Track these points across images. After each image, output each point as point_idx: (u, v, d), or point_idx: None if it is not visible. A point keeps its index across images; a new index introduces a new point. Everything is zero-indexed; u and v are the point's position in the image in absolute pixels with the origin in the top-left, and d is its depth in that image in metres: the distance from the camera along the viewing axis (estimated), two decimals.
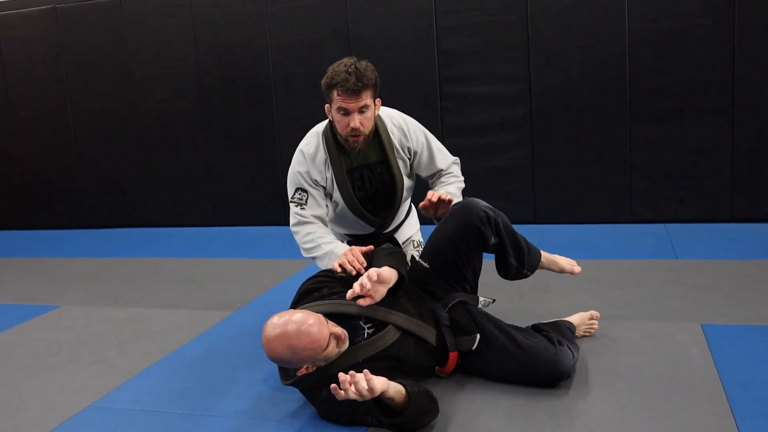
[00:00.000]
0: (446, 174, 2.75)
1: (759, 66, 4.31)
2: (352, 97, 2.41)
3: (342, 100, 2.43)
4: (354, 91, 2.39)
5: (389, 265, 2.23)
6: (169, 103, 5.64)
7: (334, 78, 2.41)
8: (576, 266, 2.60)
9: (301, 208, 2.59)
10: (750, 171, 4.45)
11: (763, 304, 2.93)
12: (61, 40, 5.81)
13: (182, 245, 5.17)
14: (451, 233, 2.39)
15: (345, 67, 2.41)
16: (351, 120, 2.44)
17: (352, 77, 2.38)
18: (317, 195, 2.62)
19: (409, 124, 2.67)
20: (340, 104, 2.44)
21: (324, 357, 2.07)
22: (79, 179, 6.03)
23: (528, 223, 4.88)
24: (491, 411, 2.16)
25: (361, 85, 2.39)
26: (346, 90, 2.39)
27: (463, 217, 2.37)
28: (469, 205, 2.39)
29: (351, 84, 2.37)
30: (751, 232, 4.24)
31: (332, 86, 2.43)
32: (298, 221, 2.63)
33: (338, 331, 2.10)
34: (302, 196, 2.59)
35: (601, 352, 2.52)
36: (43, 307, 3.73)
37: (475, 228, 2.35)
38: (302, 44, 5.19)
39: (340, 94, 2.42)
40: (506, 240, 2.41)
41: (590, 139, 4.70)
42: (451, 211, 2.41)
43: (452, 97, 4.93)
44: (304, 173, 2.61)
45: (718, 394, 2.14)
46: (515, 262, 2.44)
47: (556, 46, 4.65)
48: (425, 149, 2.68)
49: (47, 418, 2.38)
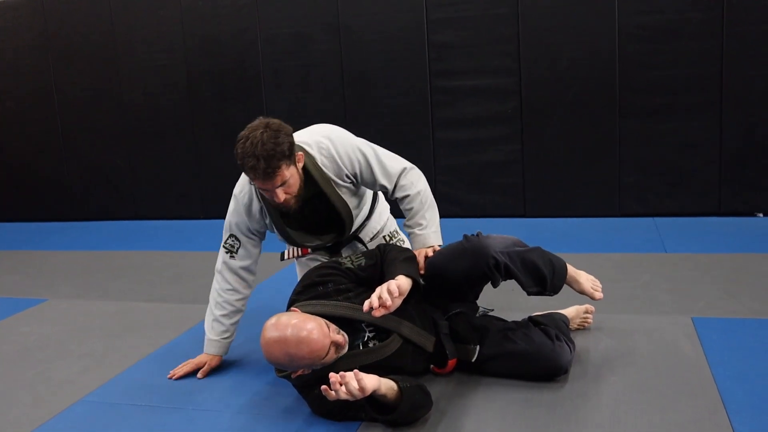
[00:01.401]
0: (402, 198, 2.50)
1: (747, 61, 4.33)
2: (267, 182, 2.22)
3: (259, 183, 2.26)
4: (267, 176, 2.19)
5: (405, 274, 2.16)
6: (157, 95, 5.59)
7: (244, 163, 2.20)
8: (598, 291, 2.47)
9: (231, 256, 2.56)
10: (737, 165, 4.48)
11: (752, 296, 2.96)
12: (48, 30, 5.74)
13: (171, 238, 5.13)
14: (457, 272, 2.29)
15: (252, 147, 2.18)
16: (275, 197, 2.26)
17: (261, 163, 2.16)
18: (249, 245, 2.56)
19: (339, 149, 2.43)
20: (258, 185, 2.29)
21: (322, 364, 2.05)
22: (66, 171, 5.97)
23: (518, 217, 4.90)
24: (486, 403, 2.16)
25: (271, 169, 2.18)
26: (257, 177, 2.21)
27: (472, 262, 2.24)
28: (480, 251, 2.23)
29: (261, 172, 2.18)
30: (739, 225, 4.28)
31: (244, 169, 2.24)
32: (223, 267, 2.58)
33: (339, 339, 2.05)
34: (234, 244, 2.55)
35: (593, 346, 2.53)
36: (31, 301, 3.69)
37: (483, 273, 2.25)
38: (292, 36, 5.16)
39: (254, 179, 2.25)
40: (520, 277, 2.26)
41: (580, 133, 4.71)
42: (460, 248, 2.29)
43: (443, 91, 4.92)
44: (240, 223, 2.53)
45: (710, 387, 2.15)
46: (534, 289, 2.31)
47: (546, 41, 4.65)
48: (365, 167, 2.45)
49: (36, 412, 2.35)
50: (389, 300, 2.01)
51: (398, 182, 2.49)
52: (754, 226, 4.24)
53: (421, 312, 2.32)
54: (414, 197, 2.48)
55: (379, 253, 2.35)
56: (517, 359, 2.25)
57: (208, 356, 2.59)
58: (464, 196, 5.02)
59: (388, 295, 2.02)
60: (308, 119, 5.16)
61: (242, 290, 2.60)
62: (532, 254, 2.29)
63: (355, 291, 2.25)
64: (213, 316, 2.59)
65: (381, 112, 5.08)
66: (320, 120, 5.39)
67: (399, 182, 2.49)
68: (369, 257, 2.34)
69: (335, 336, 2.04)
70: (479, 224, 4.78)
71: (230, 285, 2.57)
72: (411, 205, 2.48)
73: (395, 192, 2.50)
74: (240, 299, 2.60)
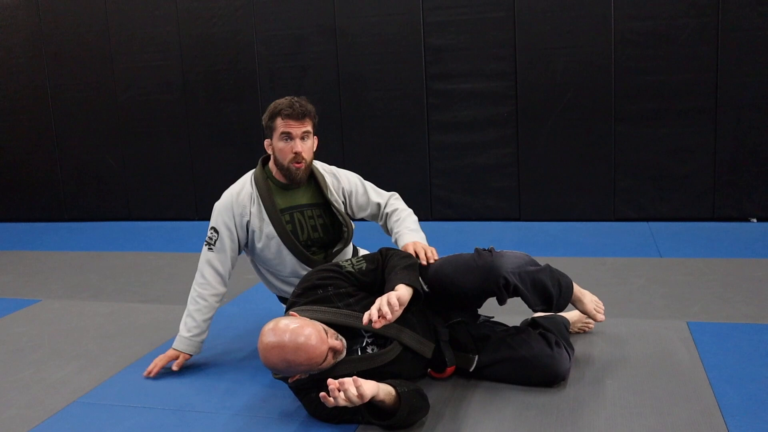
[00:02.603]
0: (392, 211, 2.68)
1: (742, 67, 4.36)
2: (296, 122, 2.48)
3: (286, 124, 2.49)
4: (299, 115, 2.48)
5: (406, 283, 2.14)
6: (152, 96, 5.58)
7: (278, 106, 2.51)
8: (601, 313, 2.48)
9: (209, 248, 2.60)
10: (731, 170, 4.51)
11: (746, 302, 2.97)
12: (42, 29, 5.72)
13: (164, 239, 5.12)
14: (466, 287, 2.26)
15: (287, 98, 2.52)
16: (294, 145, 2.50)
17: (296, 104, 2.48)
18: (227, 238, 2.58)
19: (339, 171, 2.73)
20: (284, 129, 2.49)
21: (319, 370, 2.04)
22: (60, 171, 5.95)
23: (513, 220, 4.91)
24: (483, 407, 2.16)
25: (305, 111, 2.49)
26: (291, 114, 2.47)
27: (482, 279, 2.21)
28: (492, 270, 2.20)
29: (296, 108, 2.47)
30: (733, 230, 4.30)
31: (276, 114, 2.50)
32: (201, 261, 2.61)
33: (337, 345, 2.04)
34: (213, 236, 2.60)
35: (590, 349, 2.54)
36: (24, 301, 3.67)
37: (491, 291, 2.24)
38: (288, 38, 5.16)
39: (284, 119, 2.48)
40: (528, 297, 2.24)
41: (575, 138, 4.73)
42: (472, 263, 2.26)
43: (439, 94, 4.93)
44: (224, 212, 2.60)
45: (706, 391, 2.16)
46: (540, 308, 2.31)
47: (542, 45, 4.66)
48: (359, 187, 2.70)
49: (31, 414, 2.34)
50: (389, 313, 2.01)
51: (389, 201, 2.72)
52: (748, 232, 4.26)
53: (422, 319, 2.30)
54: (403, 211, 2.68)
55: (380, 257, 2.33)
56: (515, 365, 2.26)
57: (177, 351, 2.59)
58: (459, 200, 5.02)
59: (388, 308, 2.01)
60: None
61: (215, 285, 2.59)
62: (541, 274, 2.27)
63: (356, 296, 2.23)
64: (187, 311, 2.61)
65: (376, 114, 5.09)
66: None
67: (389, 201, 2.73)
68: (370, 261, 2.32)
69: (333, 342, 2.03)
70: (474, 227, 4.79)
71: (205, 279, 2.60)
72: (401, 216, 2.65)
73: (386, 208, 2.70)
74: (213, 294, 2.59)
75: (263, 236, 2.59)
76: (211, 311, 2.61)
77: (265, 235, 2.58)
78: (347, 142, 5.18)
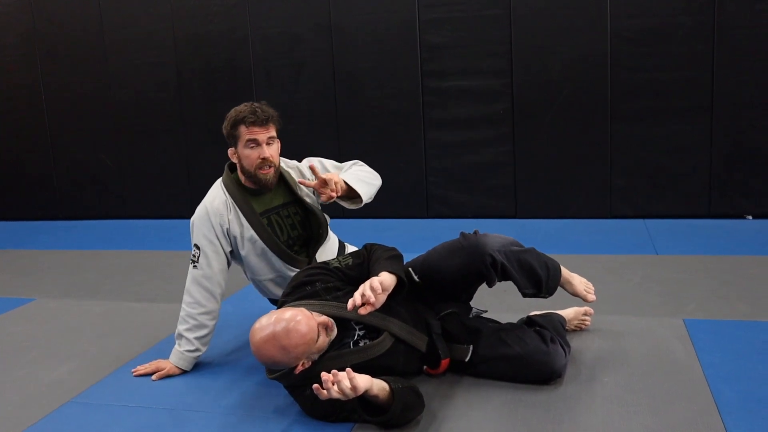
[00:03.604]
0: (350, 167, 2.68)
1: (738, 65, 4.36)
2: (261, 128, 2.47)
3: (251, 132, 2.46)
4: (263, 121, 2.46)
5: (389, 271, 2.15)
6: (147, 94, 5.55)
7: (240, 114, 2.47)
8: (591, 293, 2.48)
9: (194, 266, 2.53)
10: (727, 168, 4.51)
11: (742, 299, 2.97)
12: (36, 28, 5.69)
13: (160, 238, 5.10)
14: (453, 269, 2.28)
15: (247, 105, 2.49)
16: (261, 151, 2.47)
17: (258, 110, 2.46)
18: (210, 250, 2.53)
19: (296, 162, 2.71)
20: (249, 136, 2.47)
21: (317, 349, 2.05)
22: (55, 170, 5.92)
23: (509, 218, 4.90)
24: (478, 404, 2.15)
25: (268, 116, 2.47)
26: (255, 121, 2.45)
27: (469, 259, 2.24)
28: (477, 248, 2.23)
29: (259, 114, 2.45)
30: (728, 228, 4.30)
31: (239, 122, 2.47)
32: (188, 280, 2.55)
33: (324, 320, 2.08)
34: (195, 253, 2.54)
35: (586, 347, 2.54)
36: (19, 300, 3.66)
37: (478, 271, 2.25)
38: (283, 36, 5.14)
39: (248, 126, 2.46)
40: (516, 277, 2.26)
41: (571, 136, 4.72)
42: (457, 245, 2.29)
43: (434, 92, 4.92)
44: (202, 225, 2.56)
45: (703, 388, 2.16)
46: (530, 291, 2.31)
47: (538, 42, 4.66)
48: (319, 166, 2.63)
49: (26, 413, 2.32)
50: (372, 297, 2.02)
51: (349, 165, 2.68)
52: (744, 229, 4.26)
53: (413, 312, 2.31)
54: (363, 166, 2.68)
55: (365, 252, 2.37)
56: (511, 362, 2.25)
57: (170, 363, 2.56)
58: (455, 197, 5.02)
59: (371, 291, 2.02)
60: (300, 119, 5.20)
61: (205, 303, 2.53)
62: (527, 255, 2.29)
63: (344, 290, 2.26)
64: (177, 330, 2.57)
65: (372, 112, 5.07)
66: (311, 120, 5.40)
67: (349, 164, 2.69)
68: (356, 257, 2.37)
69: (320, 318, 2.06)
70: (470, 225, 4.75)
71: (192, 298, 2.54)
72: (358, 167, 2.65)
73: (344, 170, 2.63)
74: (203, 313, 2.53)
75: (245, 242, 2.57)
76: (204, 329, 2.55)
77: (247, 240, 2.56)
78: (343, 139, 5.16)
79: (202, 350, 2.58)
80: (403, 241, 3.55)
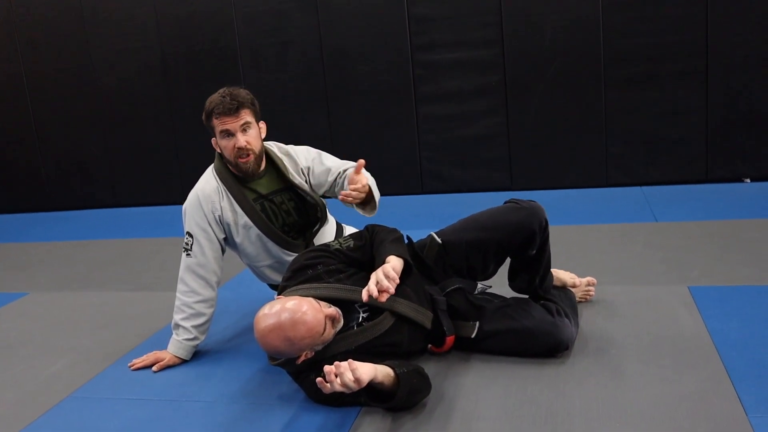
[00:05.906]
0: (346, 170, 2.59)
1: (732, 28, 4.30)
2: (231, 117, 2.38)
3: (222, 122, 2.39)
4: (231, 110, 2.37)
5: (396, 255, 2.14)
6: (132, 80, 5.44)
7: (210, 105, 2.41)
8: (576, 278, 2.60)
9: (187, 254, 2.48)
10: (724, 132, 4.46)
11: (745, 263, 2.94)
12: (13, 17, 5.55)
13: (152, 225, 5.03)
14: (511, 225, 2.26)
15: (218, 94, 2.41)
16: (236, 140, 2.40)
17: (226, 98, 2.37)
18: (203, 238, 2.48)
19: (294, 148, 2.64)
20: (221, 127, 2.41)
21: (322, 341, 2.01)
22: (41, 161, 5.82)
23: (504, 190, 4.85)
24: (485, 382, 2.12)
25: (236, 103, 2.38)
26: (223, 111, 2.37)
27: (529, 218, 2.25)
28: (536, 209, 2.28)
29: (227, 103, 2.37)
30: (726, 192, 4.27)
31: (210, 113, 2.41)
32: (182, 269, 2.50)
33: (332, 312, 2.02)
34: (188, 241, 2.49)
35: (591, 318, 2.50)
36: (10, 295, 3.59)
37: (531, 231, 2.24)
38: (268, 14, 5.03)
39: (218, 117, 2.39)
40: (543, 258, 2.34)
41: (565, 104, 4.66)
42: (515, 206, 2.31)
43: (425, 65, 4.84)
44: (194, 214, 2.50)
45: (713, 356, 2.13)
46: (538, 282, 2.37)
47: (529, 10, 4.57)
48: (316, 158, 2.60)
49: (24, 411, 2.27)
50: (391, 287, 1.98)
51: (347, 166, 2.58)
52: (742, 192, 4.23)
53: (418, 289, 2.27)
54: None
55: (367, 233, 2.33)
56: (517, 336, 2.22)
57: (169, 353, 2.51)
58: (450, 172, 4.96)
59: (387, 281, 1.99)
60: (288, 99, 5.11)
61: (200, 291, 2.48)
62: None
63: (346, 272, 2.22)
64: (173, 319, 2.52)
65: (362, 89, 4.99)
66: (300, 99, 5.30)
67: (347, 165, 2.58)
68: (357, 238, 2.32)
69: (328, 310, 2.01)
70: (466, 199, 4.73)
71: (188, 286, 2.49)
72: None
73: (345, 172, 2.54)
74: (199, 301, 2.48)
75: (240, 228, 2.51)
76: (201, 317, 2.50)
77: (242, 226, 2.51)
78: (333, 118, 5.08)
79: (201, 338, 2.53)
80: (399, 218, 3.50)
